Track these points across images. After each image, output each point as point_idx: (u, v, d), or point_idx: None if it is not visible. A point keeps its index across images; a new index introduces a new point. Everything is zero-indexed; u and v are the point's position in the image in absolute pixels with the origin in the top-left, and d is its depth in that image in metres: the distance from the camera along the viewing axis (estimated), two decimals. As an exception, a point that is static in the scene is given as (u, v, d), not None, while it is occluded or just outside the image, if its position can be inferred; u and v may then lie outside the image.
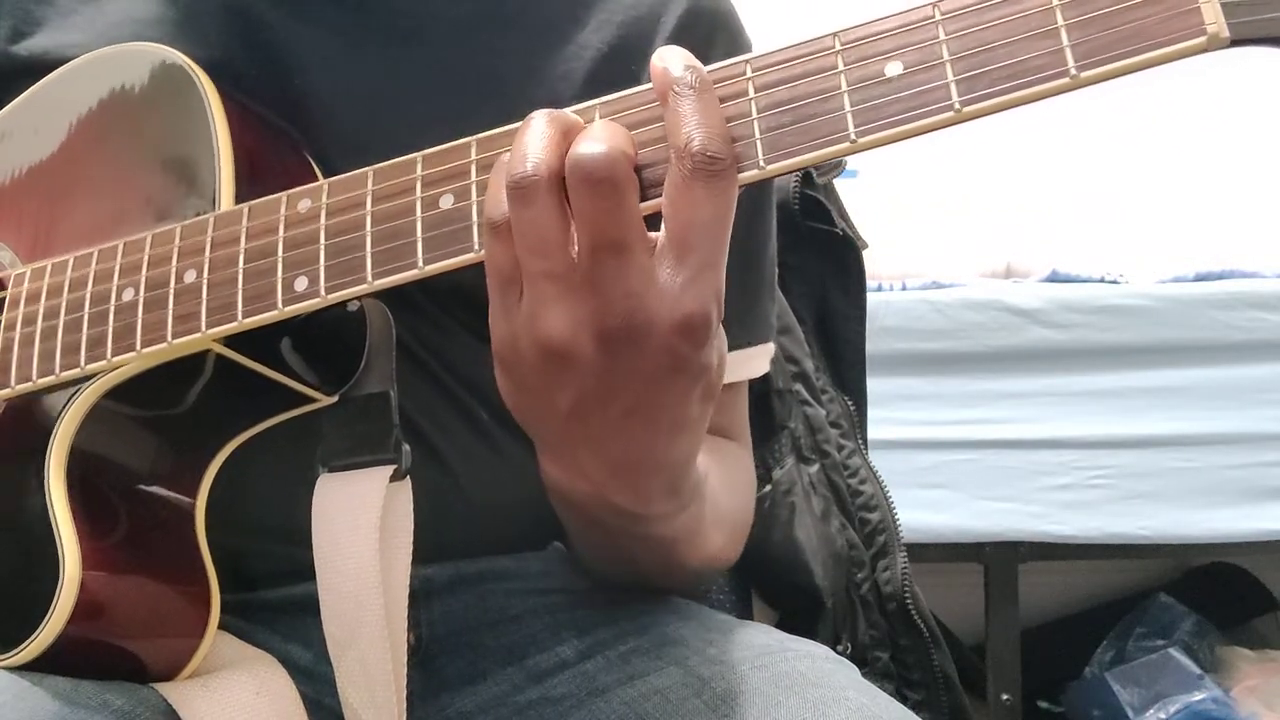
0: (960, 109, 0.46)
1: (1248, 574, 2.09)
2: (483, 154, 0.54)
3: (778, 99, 0.49)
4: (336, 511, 0.61)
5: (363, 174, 0.57)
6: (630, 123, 0.51)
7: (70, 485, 0.59)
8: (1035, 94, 0.45)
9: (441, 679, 0.69)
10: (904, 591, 1.02)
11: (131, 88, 0.66)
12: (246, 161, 0.62)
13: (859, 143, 0.47)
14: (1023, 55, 0.45)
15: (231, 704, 0.60)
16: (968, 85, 0.46)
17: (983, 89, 0.46)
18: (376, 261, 0.55)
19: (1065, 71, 0.44)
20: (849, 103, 0.47)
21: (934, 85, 0.46)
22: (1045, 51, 0.45)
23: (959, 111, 0.46)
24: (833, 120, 0.48)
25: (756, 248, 0.79)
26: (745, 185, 0.50)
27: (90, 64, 0.68)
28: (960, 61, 0.46)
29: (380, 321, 0.64)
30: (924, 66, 0.47)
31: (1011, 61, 0.45)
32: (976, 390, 1.77)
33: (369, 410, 0.63)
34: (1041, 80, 0.45)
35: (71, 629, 0.57)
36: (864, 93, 0.47)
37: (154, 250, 0.60)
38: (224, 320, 0.58)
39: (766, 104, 0.49)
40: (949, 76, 0.46)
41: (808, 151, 0.48)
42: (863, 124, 0.47)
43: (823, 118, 0.48)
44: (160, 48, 0.65)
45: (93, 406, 0.61)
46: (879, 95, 0.47)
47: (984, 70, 0.46)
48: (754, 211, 0.78)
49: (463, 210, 0.54)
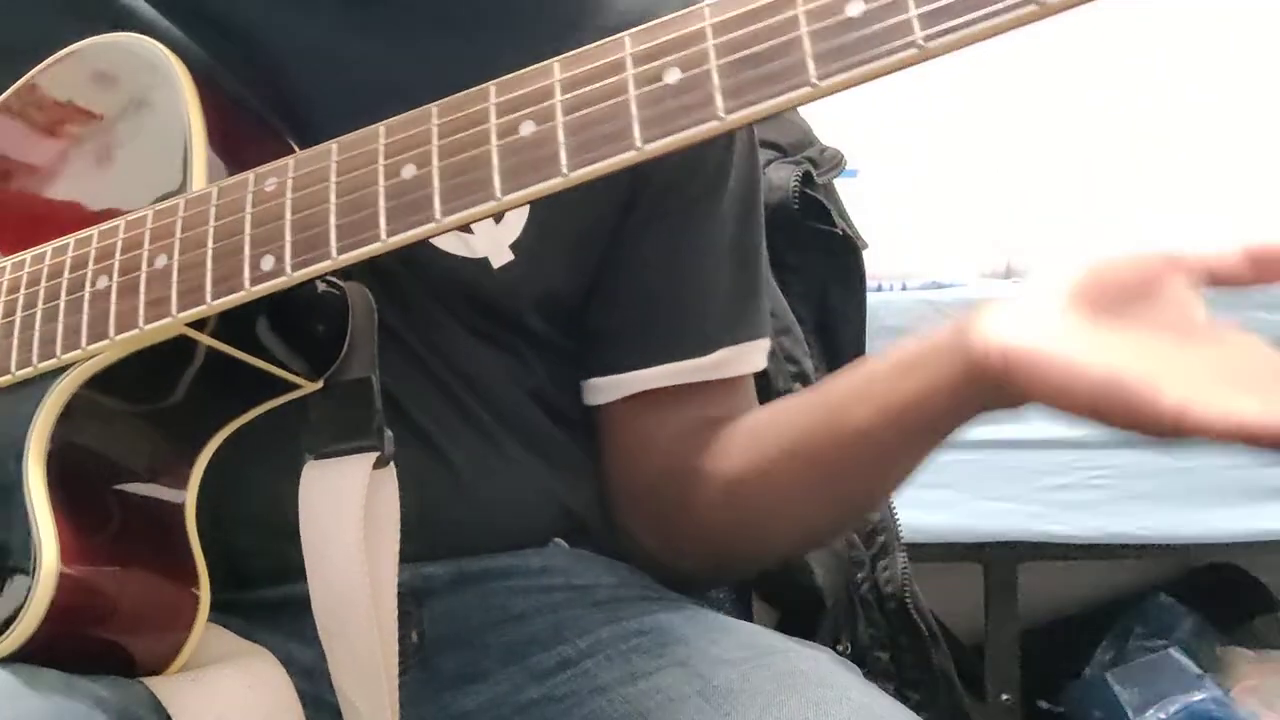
0: (924, 44, 0.44)
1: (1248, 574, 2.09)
2: (443, 119, 0.53)
3: (736, 43, 0.48)
4: (321, 500, 0.61)
5: (327, 148, 0.56)
6: (587, 76, 0.50)
7: (50, 478, 0.59)
8: (1001, 24, 0.44)
9: (443, 678, 0.69)
10: (904, 591, 1.01)
11: (107, 77, 0.66)
12: (221, 144, 0.61)
13: (820, 86, 0.46)
14: None
15: (222, 698, 0.60)
16: (930, 18, 0.44)
17: (945, 21, 0.44)
18: (341, 235, 0.54)
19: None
20: (809, 45, 0.46)
21: (896, 20, 0.45)
22: None
23: (923, 48, 0.44)
24: (793, 65, 0.47)
25: (752, 245, 0.80)
26: (711, 139, 0.48)
27: (66, 57, 0.67)
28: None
29: (362, 305, 0.64)
30: (886, 3, 0.45)
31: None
32: (976, 390, 1.76)
33: (352, 396, 0.63)
34: (1008, 8, 0.43)
35: (49, 624, 0.57)
36: (825, 34, 0.46)
37: (127, 236, 0.60)
38: (194, 303, 0.57)
39: (724, 49, 0.48)
40: (911, 10, 0.45)
41: (769, 98, 0.47)
42: (824, 67, 0.46)
43: (782, 61, 0.47)
44: (135, 36, 0.65)
45: (71, 397, 0.60)
46: (840, 35, 0.46)
47: (946, 1, 0.44)
48: (746, 209, 0.78)
49: (423, 178, 0.53)
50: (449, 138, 0.53)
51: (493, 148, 0.52)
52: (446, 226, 0.52)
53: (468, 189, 0.52)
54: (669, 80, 0.49)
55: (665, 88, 0.49)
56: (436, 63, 0.65)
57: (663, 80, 0.49)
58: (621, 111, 0.50)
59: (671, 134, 0.49)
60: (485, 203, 0.52)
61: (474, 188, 0.52)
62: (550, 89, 0.51)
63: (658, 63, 0.49)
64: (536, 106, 0.51)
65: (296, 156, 0.57)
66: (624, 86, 0.50)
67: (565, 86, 0.51)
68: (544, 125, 0.51)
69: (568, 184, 0.51)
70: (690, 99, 0.48)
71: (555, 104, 0.51)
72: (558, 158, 0.50)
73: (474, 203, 0.52)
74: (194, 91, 0.62)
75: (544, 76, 0.52)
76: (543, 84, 0.52)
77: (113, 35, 0.66)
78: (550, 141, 0.51)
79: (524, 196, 0.51)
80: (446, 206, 0.52)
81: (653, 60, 0.49)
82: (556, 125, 0.51)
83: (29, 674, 0.56)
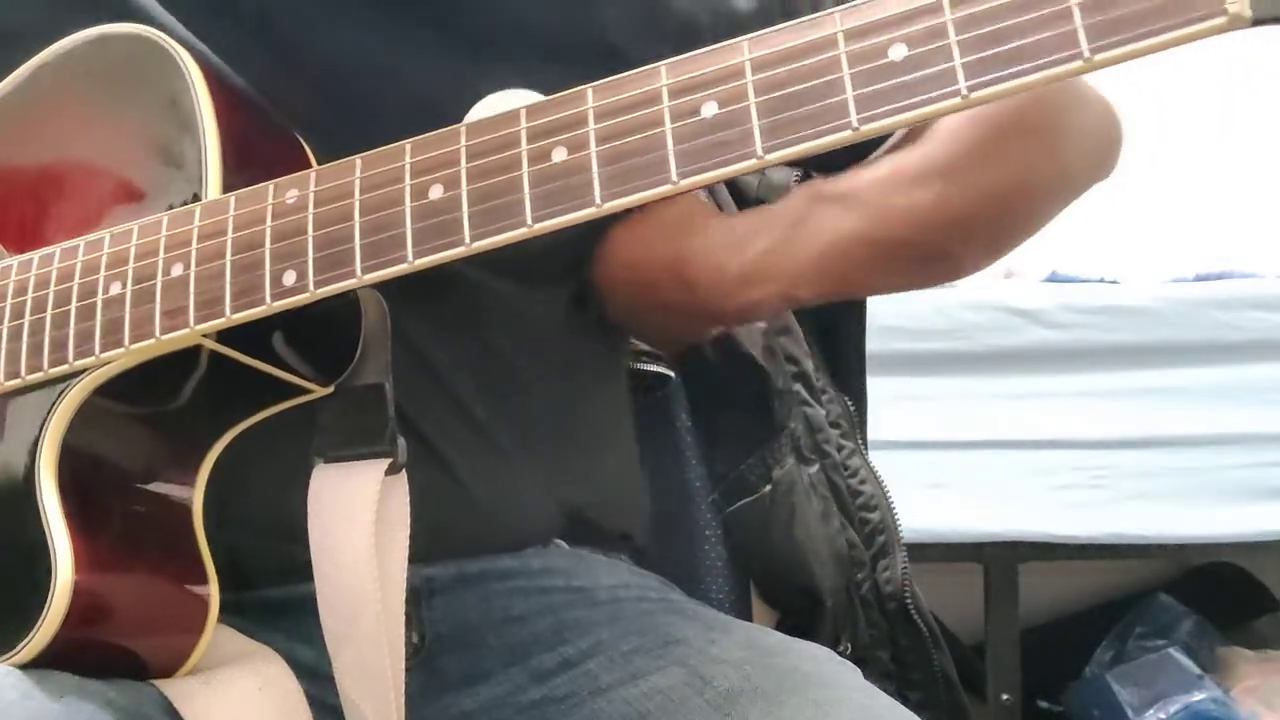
0: (968, 94, 0.44)
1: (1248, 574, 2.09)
2: (472, 140, 0.52)
3: (776, 81, 0.47)
4: (332, 503, 0.61)
5: (350, 162, 0.55)
6: (622, 105, 0.49)
7: (62, 484, 0.58)
8: (1047, 77, 0.43)
9: (444, 679, 0.68)
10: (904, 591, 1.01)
11: (115, 71, 0.64)
12: (234, 147, 0.60)
13: (861, 130, 0.45)
14: (1033, 36, 0.43)
15: (233, 700, 0.59)
16: (976, 68, 0.44)
17: (991, 72, 0.43)
18: (366, 254, 0.53)
19: (1079, 54, 0.42)
20: (850, 86, 0.45)
21: (940, 68, 0.44)
22: (1057, 32, 0.42)
23: (966, 97, 0.44)
24: (834, 106, 0.46)
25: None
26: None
27: (72, 48, 0.66)
28: (967, 43, 0.44)
29: (375, 311, 0.63)
30: (930, 49, 0.44)
31: (1021, 43, 0.43)
32: (976, 390, 1.76)
33: (364, 402, 0.63)
34: (1053, 63, 0.43)
35: (66, 632, 0.56)
36: (867, 76, 0.45)
37: (140, 242, 0.59)
38: (212, 315, 0.56)
39: (764, 87, 0.47)
40: (955, 59, 0.44)
41: (809, 140, 0.46)
42: (865, 110, 0.45)
43: (823, 103, 0.46)
44: (143, 28, 0.64)
45: (83, 403, 0.60)
46: (882, 79, 0.45)
47: (992, 52, 0.43)
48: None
49: (452, 200, 0.52)
50: (478, 160, 0.52)
51: (524, 173, 0.51)
52: (475, 250, 0.51)
53: (498, 214, 0.51)
54: (706, 115, 0.48)
55: (702, 122, 0.48)
56: (468, 80, 0.64)
57: (700, 114, 0.48)
58: (657, 144, 0.49)
59: (708, 170, 0.48)
60: (516, 229, 0.51)
61: (505, 213, 0.51)
62: (584, 116, 0.50)
63: (695, 96, 0.48)
64: (569, 134, 0.50)
65: (318, 170, 0.56)
66: (660, 118, 0.49)
67: (599, 115, 0.50)
68: (578, 153, 0.50)
69: (600, 214, 0.50)
70: (728, 135, 0.47)
71: (589, 132, 0.50)
72: (591, 187, 0.49)
73: (505, 229, 0.51)
74: (207, 90, 0.61)
75: (577, 103, 0.51)
76: (576, 110, 0.51)
77: (121, 25, 0.65)
78: (583, 170, 0.50)
79: (556, 224, 0.50)
80: (476, 231, 0.51)
81: (689, 93, 0.48)
82: (590, 154, 0.50)
83: (41, 675, 0.56)
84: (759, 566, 0.99)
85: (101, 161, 0.65)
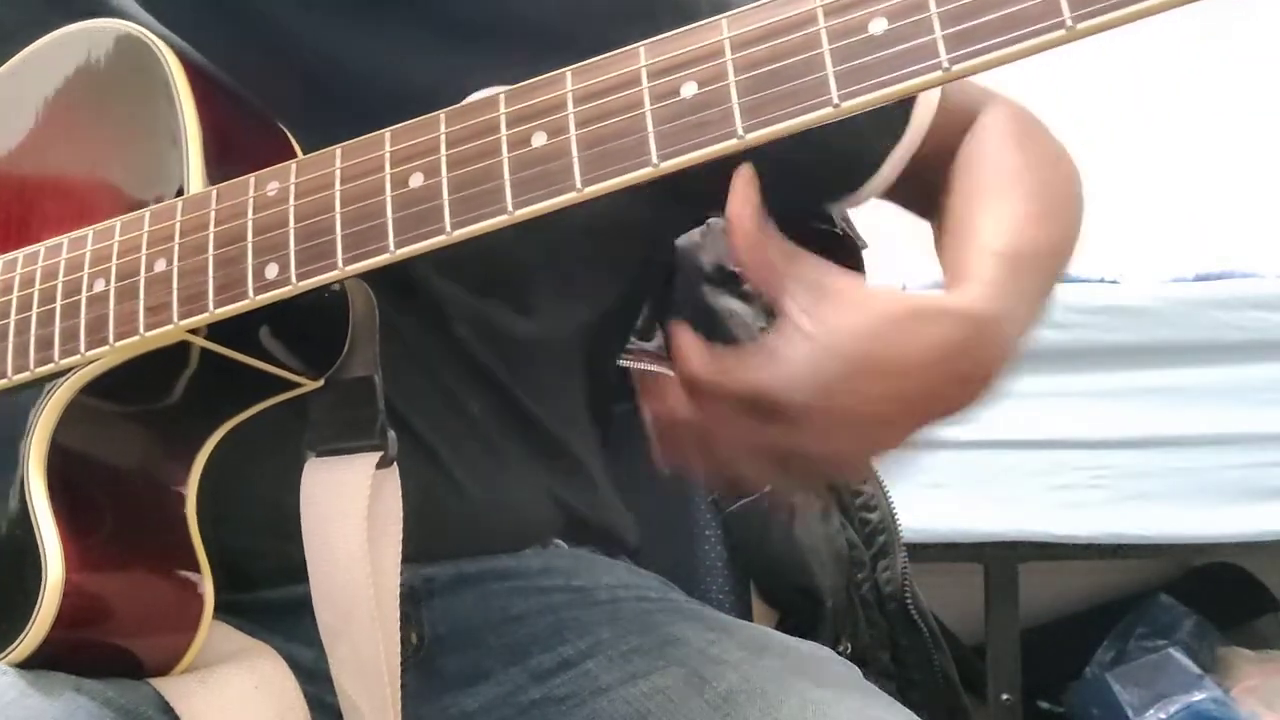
0: (949, 67, 0.43)
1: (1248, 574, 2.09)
2: (451, 128, 0.52)
3: (756, 59, 0.46)
4: (324, 496, 0.61)
5: (330, 153, 0.55)
6: (601, 88, 0.49)
7: (51, 483, 0.58)
8: (1029, 47, 0.42)
9: (443, 679, 0.69)
10: (904, 591, 1.01)
11: (96, 67, 0.64)
12: (216, 139, 0.60)
13: (842, 106, 0.45)
14: (1014, 5, 0.42)
15: (229, 698, 0.60)
16: (957, 40, 0.43)
17: (972, 44, 0.43)
18: (347, 245, 0.53)
19: (1061, 22, 0.41)
20: (831, 62, 0.45)
21: (921, 41, 0.43)
22: (1038, 0, 0.42)
23: (948, 70, 0.43)
24: (815, 83, 0.45)
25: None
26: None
27: (52, 44, 0.66)
28: (949, 14, 0.43)
29: (363, 303, 0.63)
30: (911, 22, 0.44)
31: (1003, 13, 0.42)
32: (976, 390, 1.76)
33: (354, 395, 0.62)
34: (1036, 32, 0.42)
35: (58, 631, 0.56)
36: (847, 51, 0.45)
37: (123, 238, 0.59)
38: (196, 310, 0.56)
39: (744, 65, 0.46)
40: (936, 31, 0.43)
41: (790, 118, 0.46)
42: (846, 85, 0.45)
43: (804, 80, 0.45)
44: (122, 23, 0.64)
45: (70, 402, 0.60)
46: (863, 54, 0.44)
47: (974, 23, 0.43)
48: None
49: (432, 188, 0.52)
50: (458, 147, 0.51)
51: (504, 159, 0.50)
52: (457, 239, 0.51)
53: (479, 201, 0.51)
54: (685, 95, 0.48)
55: (682, 103, 0.48)
56: (458, 73, 0.64)
57: (679, 95, 0.48)
58: (637, 126, 0.48)
59: (688, 151, 0.47)
60: (497, 216, 0.50)
61: (485, 200, 0.51)
62: (563, 100, 0.50)
63: (674, 76, 0.48)
64: (548, 118, 0.50)
65: (299, 161, 0.56)
66: (639, 100, 0.48)
67: (578, 98, 0.50)
68: (557, 138, 0.50)
69: (580, 198, 0.49)
70: (708, 115, 0.47)
71: (568, 116, 0.50)
72: (571, 171, 0.49)
73: (486, 215, 0.51)
74: (188, 83, 0.60)
75: (556, 86, 0.50)
76: (555, 94, 0.50)
77: (100, 21, 0.65)
78: (563, 154, 0.49)
79: (536, 210, 0.50)
80: (457, 219, 0.51)
81: (668, 74, 0.48)
82: (570, 138, 0.49)
83: (37, 675, 0.56)
84: (759, 566, 0.99)
85: (84, 157, 0.65)
